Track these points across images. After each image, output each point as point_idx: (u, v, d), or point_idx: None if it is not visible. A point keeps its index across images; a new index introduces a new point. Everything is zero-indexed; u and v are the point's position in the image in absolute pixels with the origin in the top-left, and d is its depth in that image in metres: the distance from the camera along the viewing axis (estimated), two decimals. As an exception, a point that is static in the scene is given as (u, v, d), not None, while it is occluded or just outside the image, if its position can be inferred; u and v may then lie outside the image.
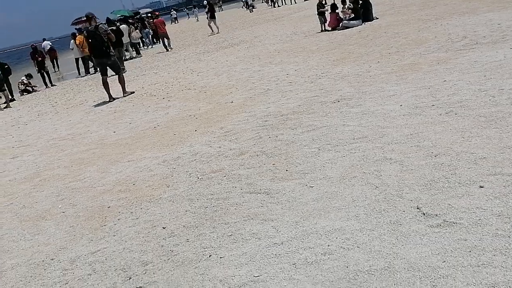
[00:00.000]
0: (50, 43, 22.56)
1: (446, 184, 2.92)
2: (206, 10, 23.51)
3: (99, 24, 9.62)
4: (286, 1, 34.82)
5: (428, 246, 2.35)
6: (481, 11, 9.57)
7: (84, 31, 10.90)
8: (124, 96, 9.78)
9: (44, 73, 16.88)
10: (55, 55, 22.15)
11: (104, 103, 9.69)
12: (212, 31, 21.77)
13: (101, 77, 9.88)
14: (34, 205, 4.47)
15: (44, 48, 21.02)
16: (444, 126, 3.88)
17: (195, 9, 50.12)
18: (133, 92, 9.97)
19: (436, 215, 2.60)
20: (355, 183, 3.23)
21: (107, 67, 9.77)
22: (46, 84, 16.75)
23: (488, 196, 2.68)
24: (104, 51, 9.49)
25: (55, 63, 22.74)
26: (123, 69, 13.23)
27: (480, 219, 2.47)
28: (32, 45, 17.97)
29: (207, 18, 22.77)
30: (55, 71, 22.02)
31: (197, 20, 41.50)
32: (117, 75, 9.93)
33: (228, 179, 3.89)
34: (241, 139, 4.92)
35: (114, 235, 3.38)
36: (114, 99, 9.71)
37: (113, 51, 9.89)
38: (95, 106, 9.71)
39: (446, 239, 2.38)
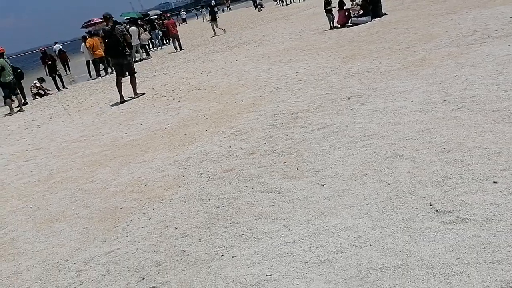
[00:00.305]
0: (61, 46, 22.82)
1: (459, 180, 2.88)
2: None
3: (115, 25, 9.72)
4: (294, -1, 34.77)
5: (441, 243, 2.33)
6: (492, 4, 9.43)
7: (101, 31, 11.04)
8: (135, 98, 9.86)
9: (56, 76, 17.08)
10: (65, 57, 22.37)
11: (115, 105, 9.78)
12: (215, 33, 21.82)
13: (116, 77, 9.99)
14: (48, 207, 4.53)
15: (55, 51, 21.28)
16: (456, 121, 3.84)
17: (203, 10, 50.26)
18: (144, 94, 10.04)
19: (450, 212, 2.58)
20: (367, 181, 3.21)
21: (123, 68, 9.86)
22: (58, 87, 16.94)
23: (502, 191, 2.64)
24: (120, 51, 9.60)
25: (66, 66, 22.98)
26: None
27: (494, 215, 2.44)
28: (41, 49, 18.18)
29: (209, 21, 22.93)
30: (66, 74, 22.26)
31: (203, 21, 41.58)
32: (130, 76, 10.02)
33: (239, 178, 3.90)
34: (252, 138, 4.92)
35: (127, 236, 3.41)
36: (125, 100, 9.79)
37: (129, 51, 9.97)
38: (107, 108, 9.80)
39: (460, 235, 2.35)
